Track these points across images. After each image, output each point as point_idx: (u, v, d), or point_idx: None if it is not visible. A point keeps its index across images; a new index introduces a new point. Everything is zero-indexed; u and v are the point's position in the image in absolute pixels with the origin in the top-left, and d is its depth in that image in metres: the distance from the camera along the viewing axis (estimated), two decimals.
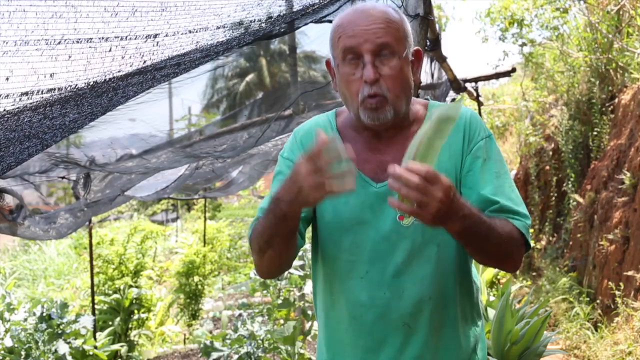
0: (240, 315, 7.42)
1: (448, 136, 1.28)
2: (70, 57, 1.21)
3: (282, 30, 2.23)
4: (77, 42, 1.20)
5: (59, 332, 4.75)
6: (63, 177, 3.77)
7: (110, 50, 1.25)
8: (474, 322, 1.62)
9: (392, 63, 1.45)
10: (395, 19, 1.48)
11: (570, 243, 7.16)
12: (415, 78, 1.54)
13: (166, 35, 1.40)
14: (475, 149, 1.52)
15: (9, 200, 3.17)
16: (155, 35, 1.35)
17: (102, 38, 1.24)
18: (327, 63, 1.57)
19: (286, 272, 4.88)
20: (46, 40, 1.15)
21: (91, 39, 1.22)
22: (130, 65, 1.33)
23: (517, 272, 7.84)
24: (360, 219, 1.51)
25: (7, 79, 1.16)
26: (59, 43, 1.17)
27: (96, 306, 6.15)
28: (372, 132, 1.55)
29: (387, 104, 1.46)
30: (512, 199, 1.50)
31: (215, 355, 4.54)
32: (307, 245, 5.63)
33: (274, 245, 1.45)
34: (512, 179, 1.56)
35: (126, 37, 1.27)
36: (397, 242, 1.50)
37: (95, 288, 6.19)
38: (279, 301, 4.76)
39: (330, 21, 2.45)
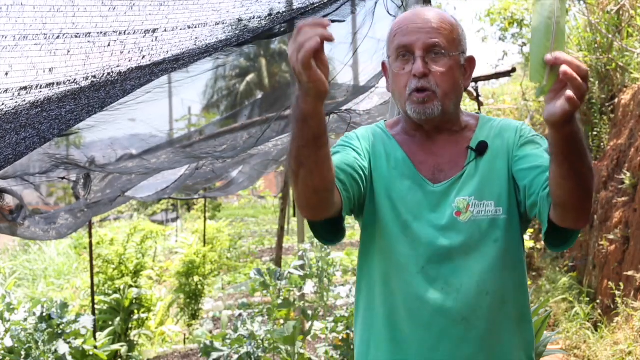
0: (240, 315, 7.41)
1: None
2: (69, 51, 1.22)
3: (282, 29, 2.23)
4: (76, 36, 1.20)
5: (59, 332, 4.74)
6: (63, 178, 3.76)
7: (109, 45, 1.26)
8: (528, 324, 1.61)
9: (442, 61, 1.50)
10: (451, 22, 1.55)
11: None
12: (466, 84, 1.59)
13: (165, 31, 1.40)
14: (526, 141, 1.56)
15: (9, 201, 3.16)
16: (154, 30, 1.35)
17: (101, 33, 1.24)
18: (383, 64, 1.62)
19: (286, 272, 4.87)
20: (45, 34, 1.15)
21: (89, 33, 1.22)
22: (129, 60, 1.33)
23: None
24: (418, 215, 1.54)
25: (7, 74, 1.16)
26: (58, 37, 1.18)
27: (96, 306, 6.15)
28: (425, 134, 1.58)
29: (435, 98, 1.50)
30: None
31: (215, 355, 4.53)
32: (307, 245, 5.62)
33: (303, 161, 1.36)
34: None
35: (125, 32, 1.27)
36: (454, 238, 1.52)
37: (95, 288, 6.19)
38: (279, 301, 4.75)
39: (331, 21, 2.45)
